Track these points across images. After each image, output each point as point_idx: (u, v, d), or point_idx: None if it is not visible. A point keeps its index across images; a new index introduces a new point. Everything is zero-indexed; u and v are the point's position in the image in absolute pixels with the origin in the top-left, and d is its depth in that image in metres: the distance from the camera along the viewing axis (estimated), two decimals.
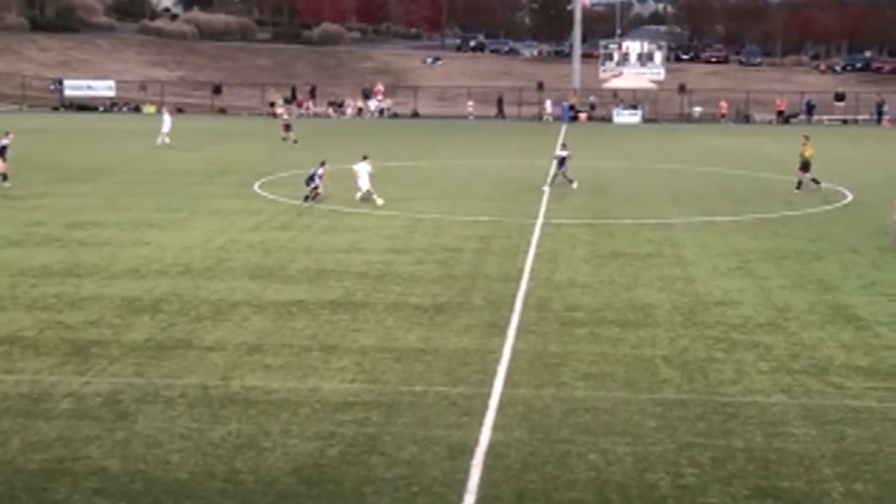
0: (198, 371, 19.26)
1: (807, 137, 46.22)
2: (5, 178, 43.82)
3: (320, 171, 40.23)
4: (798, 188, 44.36)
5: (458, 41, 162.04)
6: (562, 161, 45.11)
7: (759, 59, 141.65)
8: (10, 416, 16.81)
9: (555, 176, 45.49)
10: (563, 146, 47.11)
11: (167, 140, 63.94)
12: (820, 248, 32.11)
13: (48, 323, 22.52)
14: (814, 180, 44.58)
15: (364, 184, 40.13)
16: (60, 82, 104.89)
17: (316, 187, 39.99)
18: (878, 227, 35.84)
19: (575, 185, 44.36)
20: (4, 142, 44.35)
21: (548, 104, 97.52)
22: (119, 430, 16.23)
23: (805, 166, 44.77)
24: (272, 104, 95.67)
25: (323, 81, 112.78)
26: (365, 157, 40.88)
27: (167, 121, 65.74)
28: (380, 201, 39.52)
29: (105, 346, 20.75)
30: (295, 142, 64.04)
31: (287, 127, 66.93)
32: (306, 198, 39.80)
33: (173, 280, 26.78)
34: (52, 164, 52.78)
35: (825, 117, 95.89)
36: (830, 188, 44.47)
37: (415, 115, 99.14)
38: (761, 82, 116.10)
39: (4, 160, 43.88)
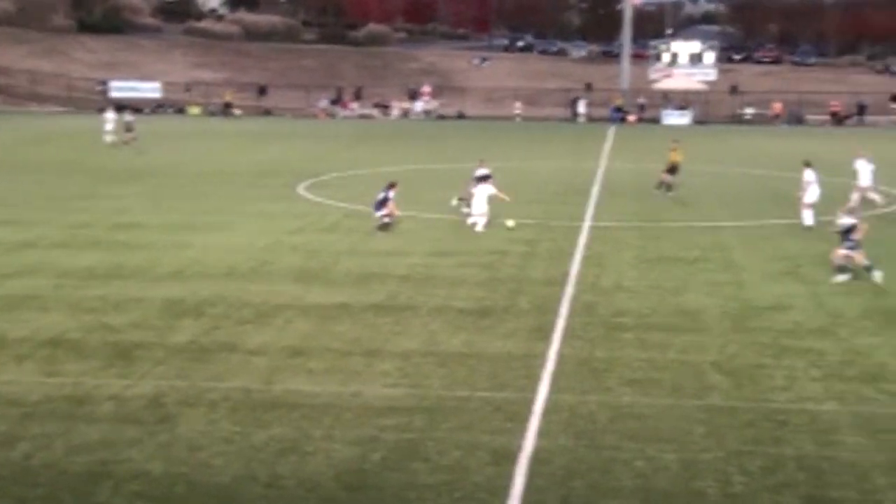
0: (240, 374, 19.39)
1: (676, 141, 45.66)
2: None
3: (391, 193, 34.81)
4: (658, 189, 43.81)
5: (506, 42, 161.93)
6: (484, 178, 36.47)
7: (813, 60, 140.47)
8: (53, 419, 17.01)
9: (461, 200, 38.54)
10: (482, 162, 39.11)
11: (112, 139, 64.21)
12: (873, 253, 31.72)
13: (92, 325, 22.76)
14: (667, 186, 43.83)
15: (480, 206, 34.84)
16: (106, 83, 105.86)
17: (387, 214, 34.68)
18: None
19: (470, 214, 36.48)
20: None
21: (581, 105, 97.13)
22: (161, 434, 16.38)
23: (672, 170, 44.27)
24: (228, 105, 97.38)
25: (368, 82, 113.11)
26: (485, 178, 35.94)
27: (111, 119, 65.80)
28: (510, 223, 35.17)
29: (148, 349, 20.94)
30: (125, 143, 62.59)
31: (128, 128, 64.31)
32: (379, 226, 34.51)
33: (217, 283, 26.96)
34: (97, 166, 53.26)
35: (881, 118, 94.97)
36: (886, 191, 43.92)
37: (461, 116, 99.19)
38: (815, 83, 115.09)
39: None
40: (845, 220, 28.19)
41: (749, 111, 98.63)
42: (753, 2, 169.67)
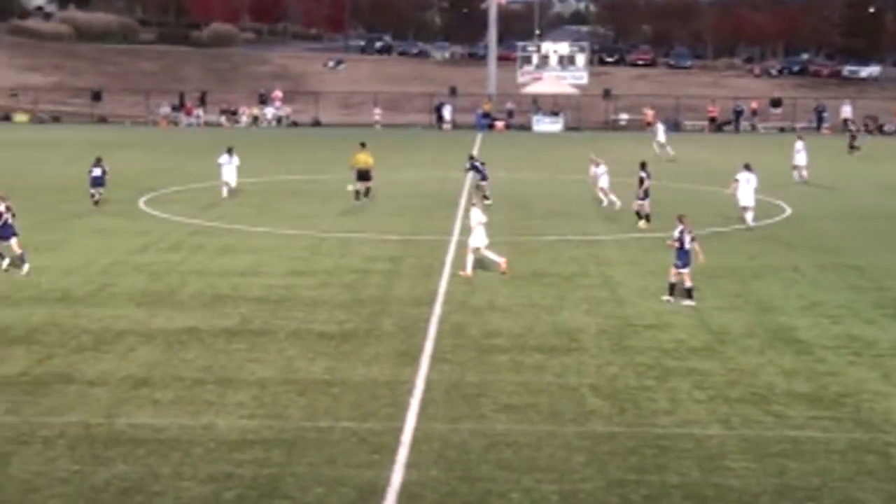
0: (79, 408, 19.01)
1: (363, 144, 46.40)
2: None
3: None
4: (356, 199, 44.18)
5: (363, 42, 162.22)
6: None
7: (689, 62, 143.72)
8: None
9: None
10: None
11: None
12: (758, 266, 32.62)
13: None
14: (364, 192, 44.74)
15: (478, 240, 31.37)
16: None
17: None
18: (820, 243, 36.61)
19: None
20: None
21: (446, 111, 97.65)
22: None
23: (361, 175, 44.83)
24: None
25: (214, 87, 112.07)
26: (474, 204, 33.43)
27: None
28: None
29: None
30: None
31: None
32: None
33: (50, 307, 26.42)
34: None
35: (761, 124, 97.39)
36: (770, 202, 45.09)
37: (316, 123, 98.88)
38: (692, 87, 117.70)
39: None
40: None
41: (624, 117, 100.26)
42: (625, 1, 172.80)
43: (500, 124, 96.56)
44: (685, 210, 30.78)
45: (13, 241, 30.73)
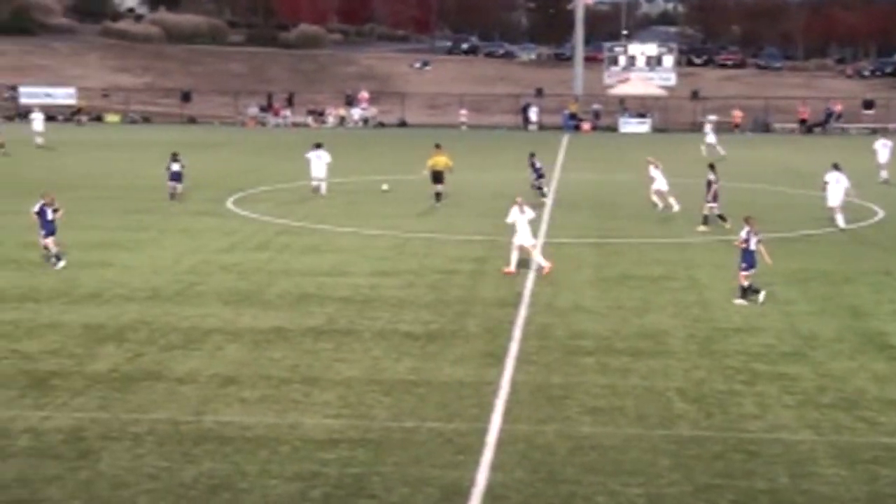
0: (167, 405, 19.23)
1: (438, 146, 46.14)
2: None
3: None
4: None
5: (450, 44, 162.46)
6: None
7: (779, 63, 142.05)
8: None
9: None
10: None
11: (40, 140, 69.88)
12: (849, 270, 32.15)
13: (3, 352, 22.49)
14: (436, 194, 44.67)
15: (523, 239, 31.28)
16: (15, 89, 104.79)
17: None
18: None
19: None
20: None
21: (533, 112, 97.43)
22: (82, 470, 16.21)
23: (436, 177, 44.75)
24: (79, 110, 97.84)
25: (301, 88, 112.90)
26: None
27: (38, 119, 72.26)
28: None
29: (66, 378, 20.72)
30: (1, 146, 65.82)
31: None
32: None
33: (140, 305, 26.75)
34: (5, 178, 52.71)
35: (852, 126, 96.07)
36: (862, 204, 44.46)
37: (402, 124, 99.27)
38: (782, 88, 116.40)
39: None
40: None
41: (712, 118, 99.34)
42: (714, 1, 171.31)
43: (586, 125, 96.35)
44: (776, 213, 30.49)
45: (50, 240, 31.48)
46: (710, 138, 69.39)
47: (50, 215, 31.54)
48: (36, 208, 31.69)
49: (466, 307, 26.98)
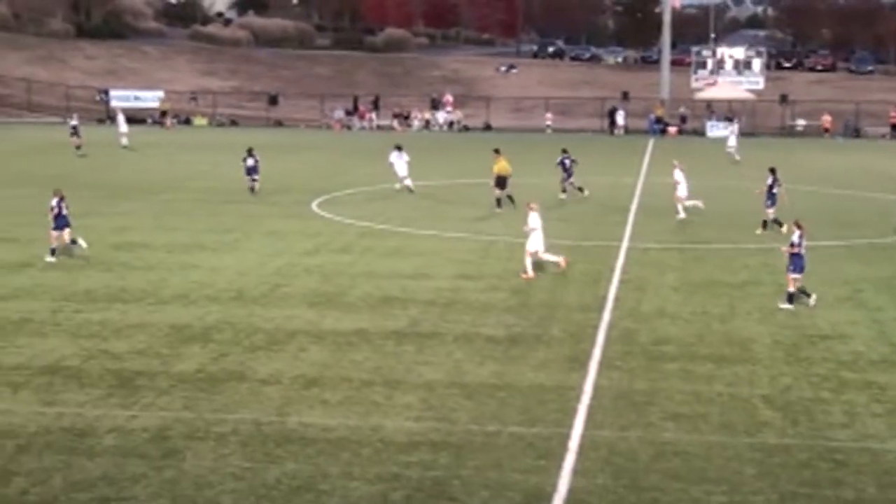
0: (251, 406, 19.40)
1: (497, 151, 45.62)
2: None
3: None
4: (498, 206, 43.74)
5: (535, 47, 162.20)
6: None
7: (870, 67, 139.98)
8: (52, 452, 17.06)
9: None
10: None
11: (125, 141, 71.59)
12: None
13: (92, 352, 22.83)
14: (509, 197, 44.03)
15: (535, 245, 31.69)
16: (107, 92, 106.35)
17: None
18: None
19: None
20: None
21: (620, 116, 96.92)
22: (167, 469, 16.41)
23: (500, 182, 44.22)
24: (163, 113, 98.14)
25: (387, 91, 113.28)
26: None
27: (122, 121, 73.92)
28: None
29: (152, 378, 21.00)
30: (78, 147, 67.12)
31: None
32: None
33: (225, 307, 27.02)
34: (97, 181, 53.47)
35: None
36: None
37: (487, 127, 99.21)
38: (873, 92, 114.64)
39: None
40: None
41: (801, 122, 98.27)
42: (804, 4, 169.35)
43: (672, 129, 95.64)
44: (867, 219, 30.07)
45: (66, 232, 32.57)
46: (732, 141, 70.35)
47: (65, 210, 32.65)
48: (53, 203, 32.66)
49: (550, 311, 26.92)
